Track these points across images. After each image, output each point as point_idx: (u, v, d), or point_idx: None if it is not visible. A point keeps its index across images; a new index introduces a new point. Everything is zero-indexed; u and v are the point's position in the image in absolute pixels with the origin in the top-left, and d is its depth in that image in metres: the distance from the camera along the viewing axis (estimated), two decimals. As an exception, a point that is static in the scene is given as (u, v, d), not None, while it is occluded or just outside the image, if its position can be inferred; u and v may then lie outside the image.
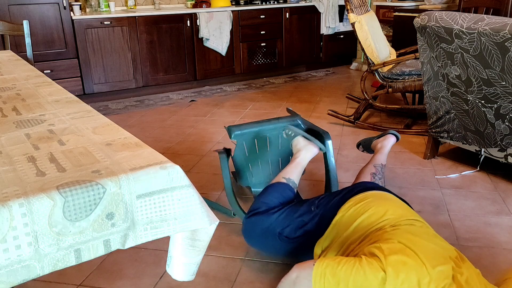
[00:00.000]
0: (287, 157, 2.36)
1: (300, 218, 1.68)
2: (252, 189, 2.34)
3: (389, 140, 2.30)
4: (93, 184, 0.81)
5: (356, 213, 1.55)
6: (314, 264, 1.26)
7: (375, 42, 3.43)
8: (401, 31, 4.41)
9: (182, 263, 0.97)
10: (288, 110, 2.59)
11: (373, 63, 3.38)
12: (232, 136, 2.25)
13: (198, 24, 4.68)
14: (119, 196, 0.83)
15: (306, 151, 2.04)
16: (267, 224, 1.72)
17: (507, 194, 2.35)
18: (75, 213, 0.79)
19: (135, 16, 4.38)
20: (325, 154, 2.14)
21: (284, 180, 1.90)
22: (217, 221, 0.96)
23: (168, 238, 0.97)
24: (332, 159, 2.13)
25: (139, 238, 0.87)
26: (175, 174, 0.88)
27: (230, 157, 2.28)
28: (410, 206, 1.67)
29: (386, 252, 1.23)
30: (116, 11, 4.57)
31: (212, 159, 2.88)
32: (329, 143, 2.14)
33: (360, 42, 3.41)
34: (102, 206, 0.82)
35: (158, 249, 1.94)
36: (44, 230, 0.77)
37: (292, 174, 1.94)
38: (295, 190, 1.91)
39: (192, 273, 0.99)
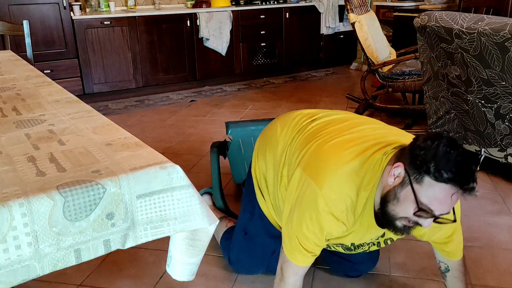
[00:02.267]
0: None
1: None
2: None
3: None
4: (93, 184, 0.81)
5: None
6: (282, 248, 1.35)
7: (375, 42, 3.43)
8: (401, 31, 4.40)
9: (182, 263, 0.97)
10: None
11: (373, 63, 3.38)
12: (229, 132, 2.27)
13: (198, 24, 4.68)
14: (119, 196, 0.83)
15: None
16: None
17: (507, 194, 2.35)
18: (75, 213, 0.79)
19: (135, 16, 4.38)
20: None
21: None
22: (217, 221, 0.96)
23: (168, 238, 0.97)
24: None
25: (139, 238, 0.87)
26: (175, 174, 0.88)
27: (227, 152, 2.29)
28: None
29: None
30: (116, 11, 4.57)
31: (212, 159, 2.88)
32: None
33: (360, 42, 3.41)
34: (102, 206, 0.82)
35: (158, 249, 1.94)
36: (44, 230, 0.77)
37: None
38: None
39: (192, 273, 0.99)
